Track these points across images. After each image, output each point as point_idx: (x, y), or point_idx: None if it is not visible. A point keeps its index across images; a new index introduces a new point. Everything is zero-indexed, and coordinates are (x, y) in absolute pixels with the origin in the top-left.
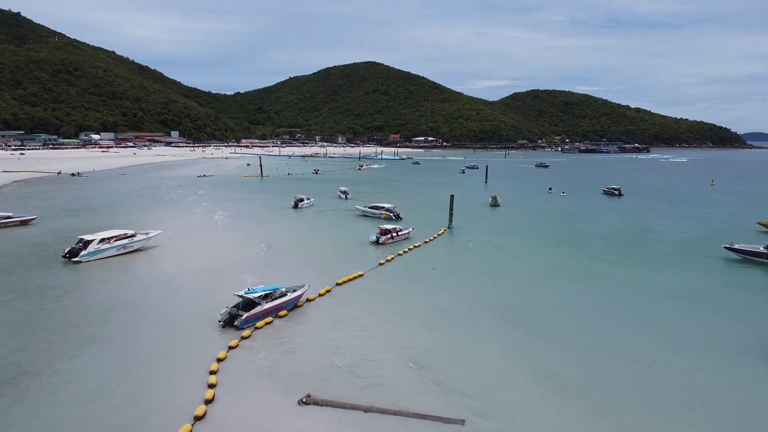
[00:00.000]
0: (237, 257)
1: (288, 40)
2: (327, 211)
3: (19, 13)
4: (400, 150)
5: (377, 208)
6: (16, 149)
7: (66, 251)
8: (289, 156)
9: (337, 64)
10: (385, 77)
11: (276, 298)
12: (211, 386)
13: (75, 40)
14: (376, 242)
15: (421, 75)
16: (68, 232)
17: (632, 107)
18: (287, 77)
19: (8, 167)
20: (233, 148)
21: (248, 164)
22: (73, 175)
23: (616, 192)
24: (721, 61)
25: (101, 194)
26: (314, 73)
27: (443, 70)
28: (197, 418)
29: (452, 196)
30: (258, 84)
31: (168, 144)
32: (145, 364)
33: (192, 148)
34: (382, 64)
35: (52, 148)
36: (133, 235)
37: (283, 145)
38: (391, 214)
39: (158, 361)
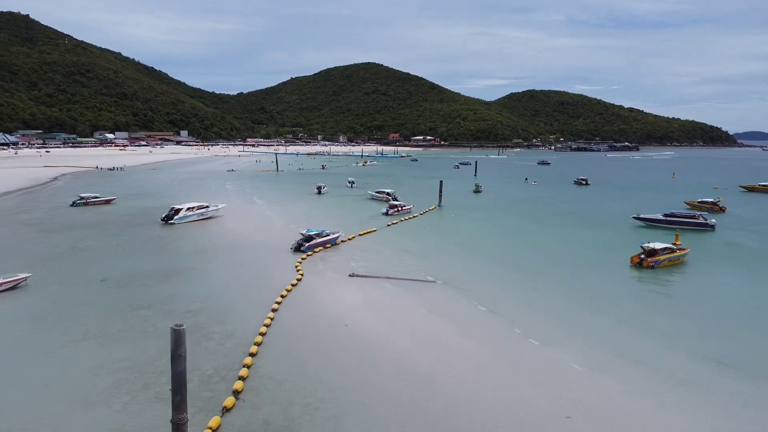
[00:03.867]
0: (284, 222)
1: (287, 41)
2: (341, 195)
3: (28, 15)
4: (399, 149)
5: (380, 192)
6: (39, 147)
7: (163, 216)
8: (297, 154)
9: (337, 65)
10: (384, 78)
11: (324, 237)
12: (298, 272)
13: (83, 42)
14: (386, 213)
15: (420, 75)
16: (146, 208)
17: (626, 107)
18: (288, 77)
19: (48, 163)
20: (243, 147)
21: (257, 161)
22: (111, 169)
23: (584, 182)
24: (720, 60)
25: (150, 183)
26: (315, 74)
27: (442, 70)
28: (298, 280)
29: (441, 182)
30: (258, 84)
31: (178, 143)
32: (253, 267)
33: (202, 147)
34: (382, 65)
35: (71, 147)
36: (207, 207)
37: (287, 144)
38: (390, 198)
39: (261, 265)
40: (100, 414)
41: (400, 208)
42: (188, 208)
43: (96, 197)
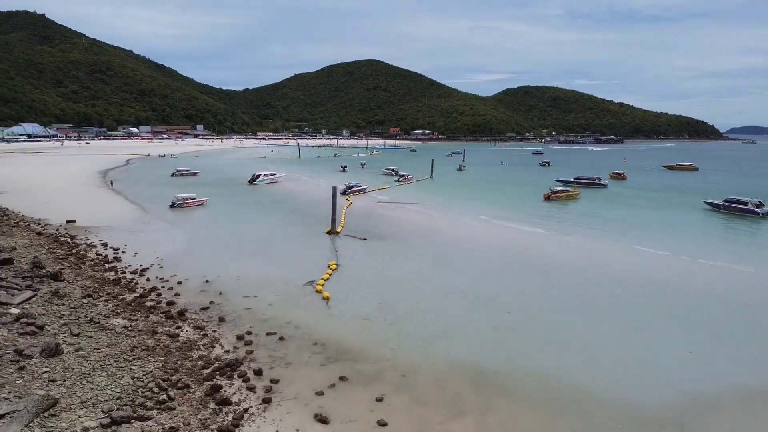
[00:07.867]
0: (326, 185)
1: (287, 35)
2: (359, 172)
3: (44, 14)
4: (399, 142)
5: (388, 169)
6: (78, 139)
7: (249, 179)
8: (309, 146)
9: (339, 61)
10: (385, 74)
11: (359, 187)
12: (348, 200)
13: (97, 40)
14: (397, 181)
15: (419, 72)
16: (226, 178)
17: (616, 102)
18: (292, 73)
19: (101, 152)
20: (256, 140)
21: (272, 151)
22: (161, 156)
23: (547, 164)
24: (720, 55)
25: (206, 165)
26: (318, 71)
27: (442, 65)
28: (351, 203)
29: (432, 160)
30: (261, 79)
31: (195, 136)
32: (323, 199)
33: (219, 140)
34: (383, 62)
35: (104, 139)
36: (275, 174)
37: (296, 138)
38: (394, 172)
39: (327, 199)
40: (290, 230)
41: (406, 177)
42: (265, 174)
43: (187, 170)
